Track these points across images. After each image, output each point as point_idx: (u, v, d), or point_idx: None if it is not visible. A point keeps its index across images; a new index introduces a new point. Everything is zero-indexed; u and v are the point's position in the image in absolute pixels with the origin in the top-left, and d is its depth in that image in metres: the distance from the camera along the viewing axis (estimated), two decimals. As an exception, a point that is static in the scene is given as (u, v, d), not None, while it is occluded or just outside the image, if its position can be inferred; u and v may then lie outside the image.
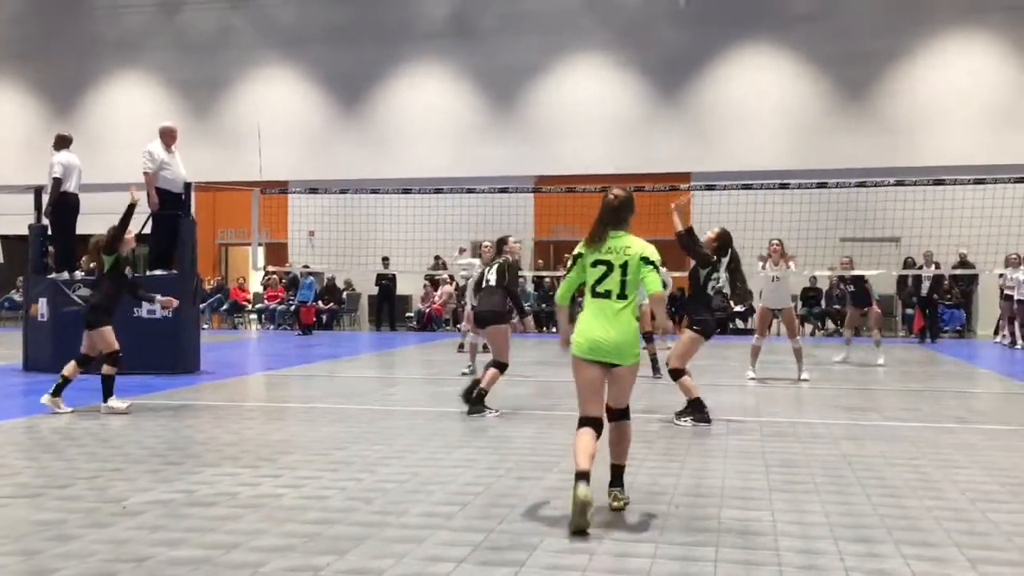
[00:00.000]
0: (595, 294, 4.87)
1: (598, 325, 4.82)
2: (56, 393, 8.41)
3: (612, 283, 4.83)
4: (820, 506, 5.10)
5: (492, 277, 8.96)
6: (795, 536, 4.51)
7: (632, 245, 4.91)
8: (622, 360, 4.85)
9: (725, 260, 8.42)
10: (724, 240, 8.55)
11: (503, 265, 8.90)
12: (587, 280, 4.91)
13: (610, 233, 4.93)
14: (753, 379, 11.42)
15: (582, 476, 4.56)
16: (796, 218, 16.86)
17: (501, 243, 9.29)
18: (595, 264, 4.88)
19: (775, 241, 12.12)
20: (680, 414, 8.02)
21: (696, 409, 7.95)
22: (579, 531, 4.47)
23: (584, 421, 4.87)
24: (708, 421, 7.88)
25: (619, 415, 5.06)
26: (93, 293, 9.09)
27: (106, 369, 8.45)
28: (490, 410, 8.29)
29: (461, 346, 14.80)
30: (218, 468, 6.03)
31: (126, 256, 9.13)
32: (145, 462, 6.22)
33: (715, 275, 8.28)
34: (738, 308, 21.54)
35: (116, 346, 8.49)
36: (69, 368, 8.51)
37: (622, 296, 4.83)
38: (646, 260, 4.85)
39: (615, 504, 4.94)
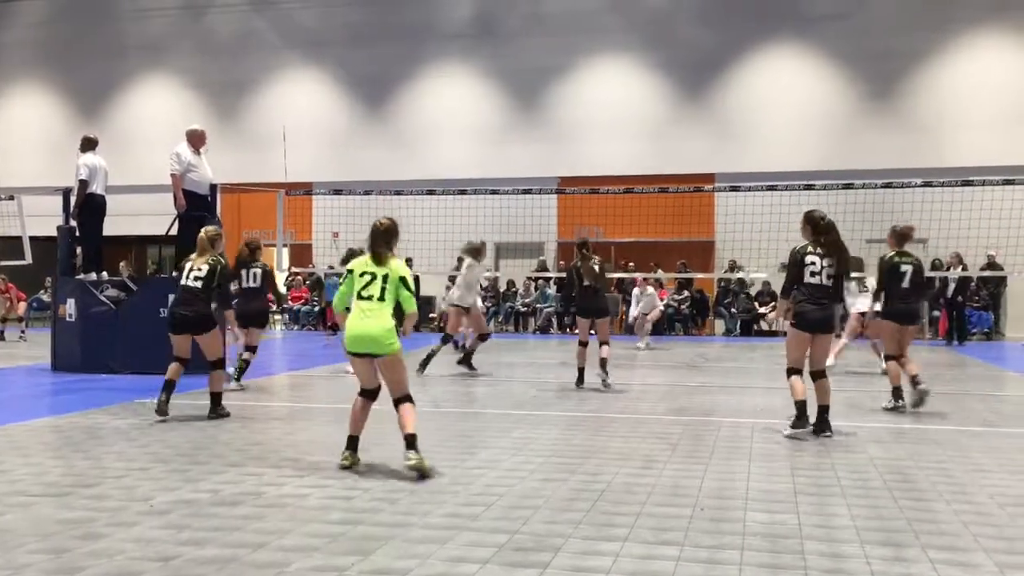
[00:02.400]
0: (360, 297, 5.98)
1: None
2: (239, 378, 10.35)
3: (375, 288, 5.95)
4: (846, 509, 5.06)
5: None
6: (821, 539, 4.47)
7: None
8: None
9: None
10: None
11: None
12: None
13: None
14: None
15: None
16: (821, 219, 16.72)
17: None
18: (362, 275, 6.02)
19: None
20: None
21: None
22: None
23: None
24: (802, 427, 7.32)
25: (399, 400, 6.04)
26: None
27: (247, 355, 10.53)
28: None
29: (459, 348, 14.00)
30: (243, 468, 6.07)
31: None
32: (171, 461, 6.27)
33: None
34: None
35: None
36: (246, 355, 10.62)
37: (381, 299, 5.93)
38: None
39: (408, 462, 5.74)
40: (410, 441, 5.80)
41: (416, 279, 22.68)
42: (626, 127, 23.03)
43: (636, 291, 18.23)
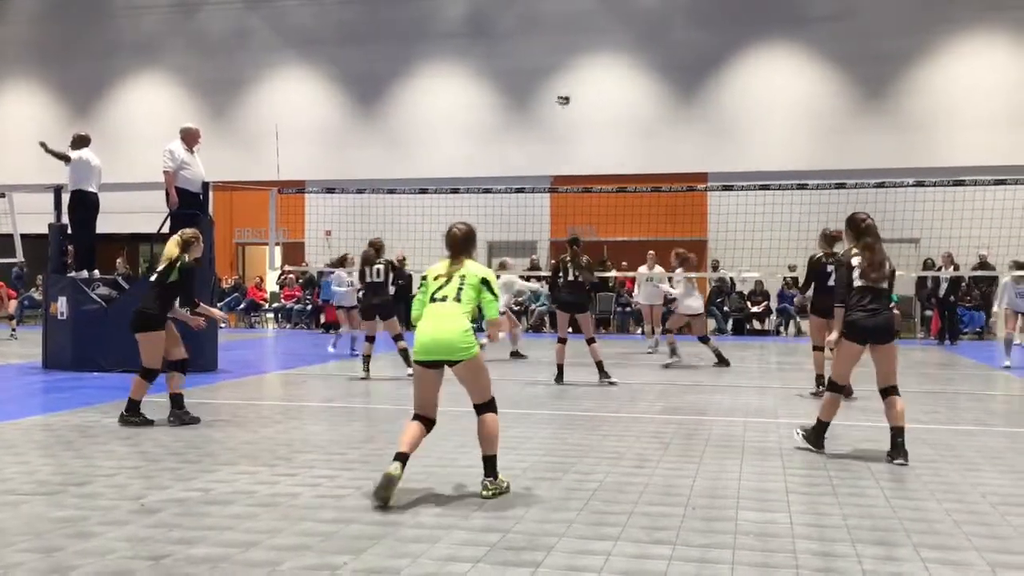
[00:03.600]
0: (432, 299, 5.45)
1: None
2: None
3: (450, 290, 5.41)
4: (838, 508, 5.07)
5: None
6: (813, 538, 4.48)
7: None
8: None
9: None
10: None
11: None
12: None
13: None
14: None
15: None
16: (814, 219, 16.76)
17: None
18: (436, 278, 5.51)
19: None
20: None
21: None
22: (381, 501, 4.97)
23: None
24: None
25: (480, 408, 5.46)
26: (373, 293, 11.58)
27: (401, 345, 11.31)
28: None
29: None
30: (235, 467, 6.05)
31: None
32: (163, 460, 6.25)
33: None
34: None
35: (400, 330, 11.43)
36: (366, 347, 11.51)
37: (457, 300, 5.36)
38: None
39: (484, 493, 5.24)
40: (490, 465, 5.27)
41: (409, 277, 22.78)
42: (619, 126, 23.05)
43: (643, 269, 15.80)
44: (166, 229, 12.24)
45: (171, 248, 7.80)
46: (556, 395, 10.12)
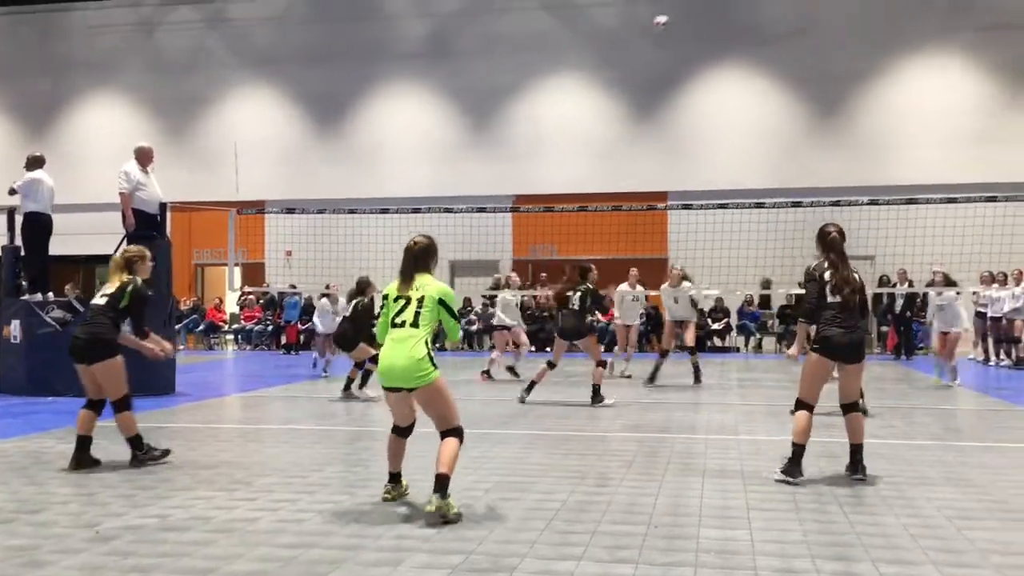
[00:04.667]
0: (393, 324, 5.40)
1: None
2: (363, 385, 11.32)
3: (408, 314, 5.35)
4: (798, 524, 5.11)
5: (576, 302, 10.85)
6: (773, 555, 4.51)
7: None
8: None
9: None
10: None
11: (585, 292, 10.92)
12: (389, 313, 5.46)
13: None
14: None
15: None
16: (772, 237, 17.02)
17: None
18: (396, 299, 5.43)
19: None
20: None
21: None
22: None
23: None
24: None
25: (444, 433, 5.40)
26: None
27: (369, 365, 10.96)
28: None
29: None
30: (192, 492, 5.96)
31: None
32: (118, 487, 6.14)
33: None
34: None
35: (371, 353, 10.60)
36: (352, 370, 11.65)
37: (415, 325, 5.31)
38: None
39: (428, 507, 5.15)
40: (439, 483, 5.10)
41: (371, 298, 22.66)
42: (580, 146, 23.20)
43: (623, 288, 15.21)
44: (122, 250, 12.09)
45: (116, 269, 7.06)
46: (518, 414, 10.11)
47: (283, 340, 22.16)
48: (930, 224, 14.88)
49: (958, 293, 13.34)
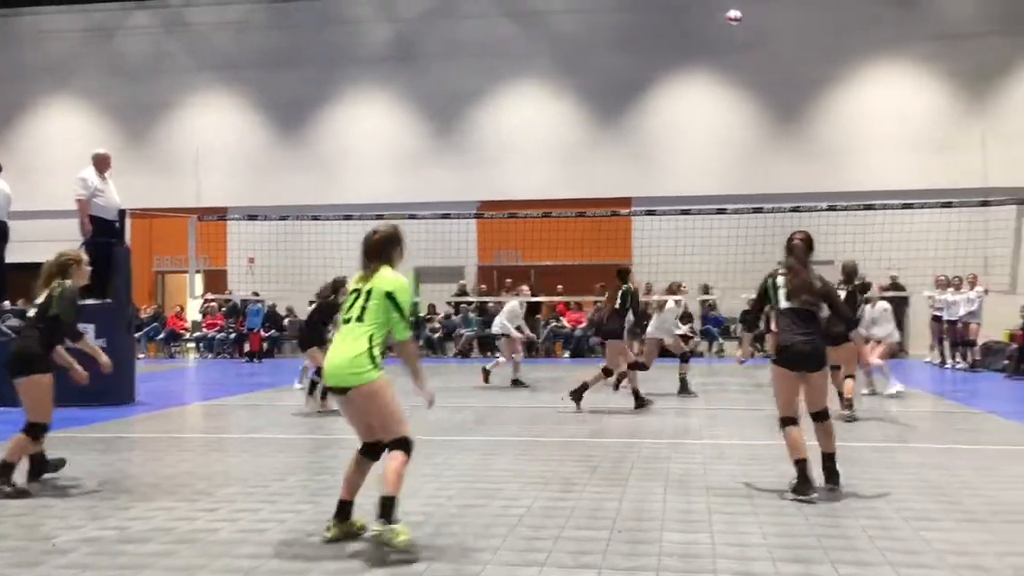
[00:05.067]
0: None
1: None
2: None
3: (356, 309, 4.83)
4: (758, 527, 5.17)
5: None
6: (734, 558, 4.56)
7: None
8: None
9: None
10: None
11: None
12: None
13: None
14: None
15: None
16: (734, 243, 17.17)
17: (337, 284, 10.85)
18: (351, 292, 4.94)
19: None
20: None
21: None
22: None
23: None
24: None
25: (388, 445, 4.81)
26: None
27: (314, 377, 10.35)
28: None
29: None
30: (153, 503, 5.89)
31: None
32: (76, 498, 6.05)
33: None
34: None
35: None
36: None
37: (360, 319, 4.79)
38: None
39: (370, 532, 4.68)
40: (383, 506, 4.54)
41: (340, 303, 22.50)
42: (544, 152, 23.28)
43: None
44: (81, 258, 11.92)
45: (48, 276, 6.37)
46: (482, 420, 10.10)
47: (246, 348, 21.95)
48: (887, 229, 15.10)
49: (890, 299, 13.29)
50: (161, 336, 23.42)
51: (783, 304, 6.24)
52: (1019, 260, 12.85)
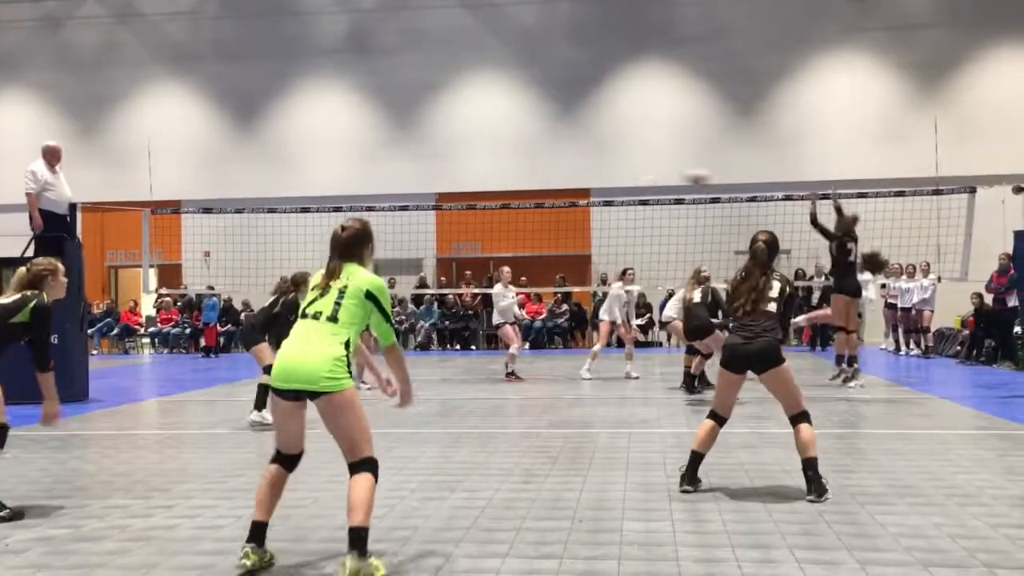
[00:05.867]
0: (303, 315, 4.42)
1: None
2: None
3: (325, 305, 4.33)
4: (718, 515, 5.21)
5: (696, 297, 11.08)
6: (694, 546, 4.59)
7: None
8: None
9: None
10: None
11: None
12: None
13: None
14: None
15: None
16: (691, 232, 17.32)
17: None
18: (313, 288, 4.47)
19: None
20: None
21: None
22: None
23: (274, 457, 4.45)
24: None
25: (353, 467, 4.26)
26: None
27: (263, 379, 8.82)
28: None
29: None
30: (107, 500, 5.79)
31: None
32: (28, 497, 5.92)
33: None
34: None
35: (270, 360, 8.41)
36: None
37: (333, 319, 4.29)
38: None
39: (341, 571, 4.05)
40: (354, 538, 4.05)
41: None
42: (502, 143, 23.24)
43: (617, 287, 13.89)
44: (30, 252, 11.67)
45: (19, 285, 5.70)
46: (443, 413, 10.08)
47: (202, 343, 21.68)
48: (842, 218, 15.26)
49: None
50: (115, 332, 23.04)
51: (733, 304, 6.02)
52: (970, 248, 13.08)
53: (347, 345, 4.24)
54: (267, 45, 23.85)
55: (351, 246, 4.46)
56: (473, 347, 21.84)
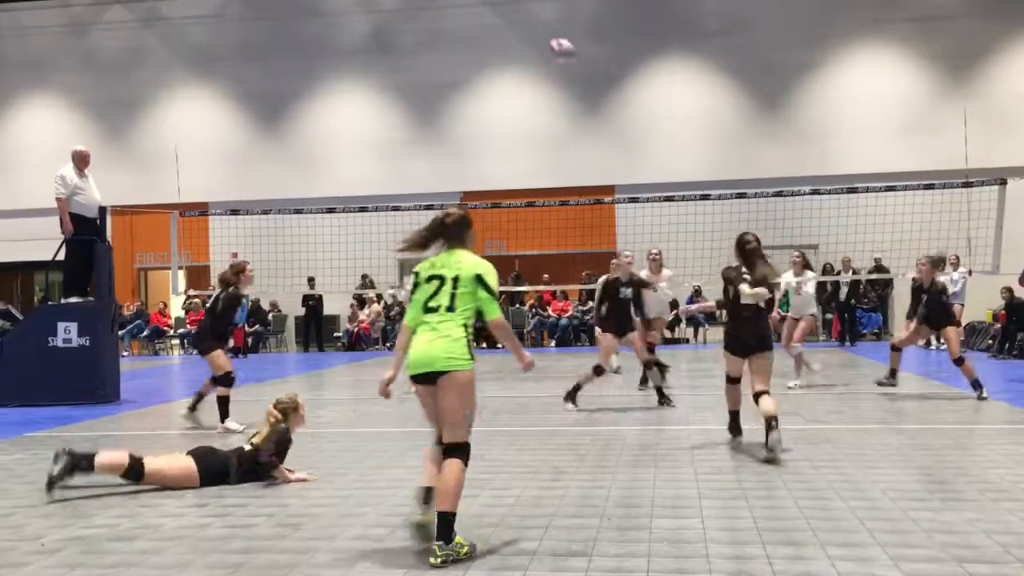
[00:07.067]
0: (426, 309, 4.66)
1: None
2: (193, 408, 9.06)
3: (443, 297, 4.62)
4: (748, 511, 5.18)
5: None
6: (725, 542, 4.56)
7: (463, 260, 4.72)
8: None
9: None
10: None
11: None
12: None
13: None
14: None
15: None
16: (718, 228, 17.17)
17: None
18: (429, 280, 4.70)
19: (796, 254, 12.02)
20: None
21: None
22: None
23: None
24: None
25: (448, 450, 4.56)
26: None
27: (221, 391, 8.72)
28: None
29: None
30: (140, 500, 5.85)
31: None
32: (62, 497, 5.99)
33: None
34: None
35: (228, 368, 8.61)
36: (204, 386, 9.18)
37: (451, 309, 4.59)
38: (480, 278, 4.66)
39: (432, 560, 4.30)
40: (441, 525, 4.37)
41: (319, 298, 22.45)
42: (526, 141, 23.22)
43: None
44: (61, 256, 11.83)
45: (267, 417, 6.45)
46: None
47: (230, 344, 21.83)
48: (871, 212, 15.16)
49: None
50: (145, 333, 23.29)
51: (742, 299, 7.15)
52: (1001, 241, 12.90)
53: (465, 328, 4.59)
54: (291, 46, 23.99)
55: (457, 230, 4.76)
56: (499, 345, 21.83)
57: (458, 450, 4.53)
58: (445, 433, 4.57)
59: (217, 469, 6.15)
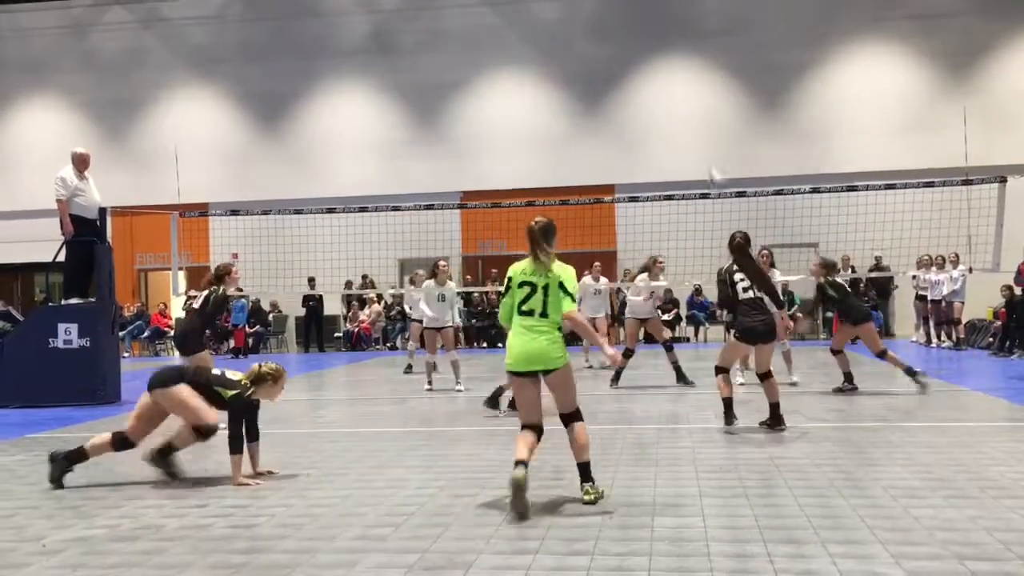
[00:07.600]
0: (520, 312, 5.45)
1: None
2: None
3: (536, 303, 5.41)
4: (749, 509, 5.18)
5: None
6: (726, 541, 4.57)
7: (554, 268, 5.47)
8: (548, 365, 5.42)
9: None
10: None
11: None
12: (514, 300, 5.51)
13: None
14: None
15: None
16: (718, 227, 17.13)
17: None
18: (521, 285, 5.47)
19: (765, 252, 11.98)
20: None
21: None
22: (520, 513, 5.03)
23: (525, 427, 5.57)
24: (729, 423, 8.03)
25: (569, 418, 5.53)
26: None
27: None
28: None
29: (409, 367, 14.66)
30: (142, 500, 5.86)
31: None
32: (64, 498, 6.01)
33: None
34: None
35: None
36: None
37: (544, 315, 5.39)
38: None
39: (586, 497, 5.31)
40: (584, 471, 5.42)
41: (319, 298, 22.45)
42: (526, 140, 23.24)
43: (587, 281, 15.20)
44: (61, 257, 11.84)
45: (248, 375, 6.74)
46: (471, 411, 10.09)
47: (231, 344, 21.86)
48: (871, 210, 15.16)
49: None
50: (145, 334, 23.30)
51: (748, 294, 7.93)
52: (1001, 239, 12.89)
53: (559, 329, 5.43)
54: (291, 46, 24.00)
55: (545, 235, 5.53)
56: (499, 345, 21.84)
57: (578, 415, 5.51)
58: (562, 407, 5.50)
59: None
